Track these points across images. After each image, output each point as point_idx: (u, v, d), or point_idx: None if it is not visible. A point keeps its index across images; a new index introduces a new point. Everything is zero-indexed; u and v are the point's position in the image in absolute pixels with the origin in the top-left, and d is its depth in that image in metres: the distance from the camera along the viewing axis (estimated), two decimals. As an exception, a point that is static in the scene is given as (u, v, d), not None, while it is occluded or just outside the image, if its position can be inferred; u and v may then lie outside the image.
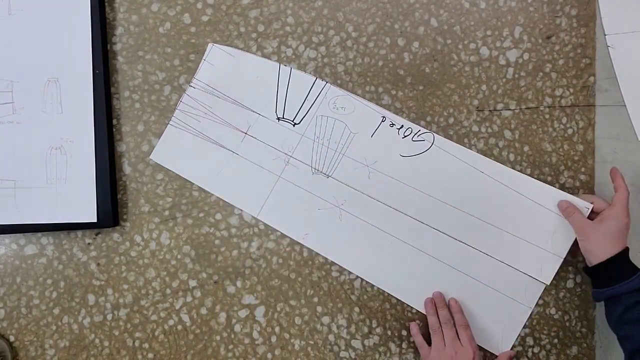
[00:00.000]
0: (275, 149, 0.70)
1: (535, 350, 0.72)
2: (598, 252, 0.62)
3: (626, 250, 0.62)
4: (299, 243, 0.70)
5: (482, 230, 0.69)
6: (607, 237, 0.62)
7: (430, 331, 0.67)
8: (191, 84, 0.70)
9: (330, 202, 0.70)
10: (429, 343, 0.67)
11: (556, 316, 0.72)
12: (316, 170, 0.70)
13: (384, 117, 0.70)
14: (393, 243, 0.70)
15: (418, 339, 0.68)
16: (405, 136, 0.70)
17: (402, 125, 0.70)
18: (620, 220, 0.62)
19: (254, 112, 0.70)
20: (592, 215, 0.66)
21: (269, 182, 0.70)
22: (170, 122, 0.70)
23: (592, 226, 0.64)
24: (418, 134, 0.70)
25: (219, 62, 0.70)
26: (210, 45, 0.70)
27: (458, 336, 0.66)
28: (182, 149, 0.70)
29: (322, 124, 0.70)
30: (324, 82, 0.71)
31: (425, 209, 0.70)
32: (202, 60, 0.70)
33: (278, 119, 0.70)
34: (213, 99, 0.70)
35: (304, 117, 0.70)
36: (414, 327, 0.69)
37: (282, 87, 0.70)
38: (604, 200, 0.66)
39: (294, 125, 0.70)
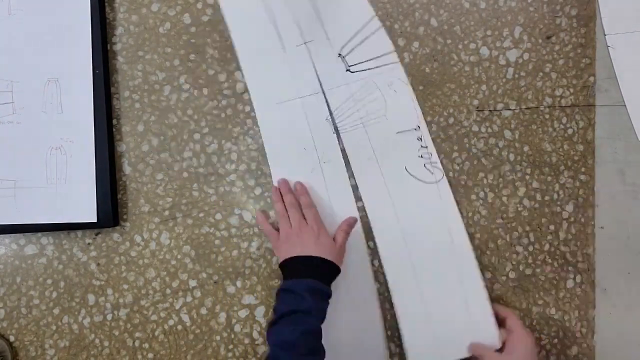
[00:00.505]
0: (317, 75, 0.70)
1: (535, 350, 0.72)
2: None
3: None
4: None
5: (421, 283, 0.69)
6: None
7: (277, 217, 0.67)
8: None
9: (319, 155, 0.69)
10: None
11: (556, 316, 0.72)
12: (330, 118, 0.69)
13: (418, 126, 0.70)
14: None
15: (266, 226, 0.68)
16: (421, 156, 0.70)
17: (427, 147, 0.70)
18: (526, 341, 0.63)
19: (325, 31, 0.68)
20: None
21: (289, 95, 0.69)
22: None
23: (506, 359, 0.63)
24: (433, 164, 0.70)
25: None
26: None
27: (305, 217, 0.66)
28: (247, 13, 0.69)
29: (369, 89, 0.69)
30: (397, 59, 0.70)
31: (393, 229, 0.69)
32: None
33: (339, 55, 0.69)
34: None
35: (360, 72, 0.70)
36: (260, 216, 0.69)
37: (362, 32, 0.69)
38: (503, 330, 0.67)
39: (346, 70, 0.70)
